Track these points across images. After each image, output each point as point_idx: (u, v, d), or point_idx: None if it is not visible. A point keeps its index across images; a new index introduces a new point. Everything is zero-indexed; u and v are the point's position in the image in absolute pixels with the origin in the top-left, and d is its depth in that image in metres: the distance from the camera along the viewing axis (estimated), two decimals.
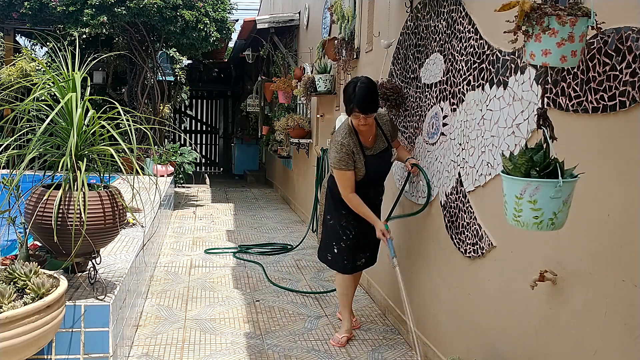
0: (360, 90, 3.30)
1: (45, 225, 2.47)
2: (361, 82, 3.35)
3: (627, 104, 1.82)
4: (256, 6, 14.89)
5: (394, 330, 3.92)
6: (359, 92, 3.30)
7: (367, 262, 3.77)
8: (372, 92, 3.34)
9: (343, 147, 3.42)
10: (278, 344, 3.62)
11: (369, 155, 3.47)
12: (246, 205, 9.24)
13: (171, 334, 3.71)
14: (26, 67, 8.53)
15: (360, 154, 3.45)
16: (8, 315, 2.04)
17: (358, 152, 3.45)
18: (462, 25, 3.01)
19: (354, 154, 3.43)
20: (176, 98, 11.18)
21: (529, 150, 1.85)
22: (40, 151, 2.61)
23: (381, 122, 3.55)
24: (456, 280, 3.07)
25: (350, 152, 3.42)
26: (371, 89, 3.35)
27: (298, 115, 7.93)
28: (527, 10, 1.73)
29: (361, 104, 3.30)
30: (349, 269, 3.69)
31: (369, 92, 3.32)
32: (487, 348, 2.72)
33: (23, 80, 2.79)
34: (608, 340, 1.91)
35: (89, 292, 2.69)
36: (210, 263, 5.54)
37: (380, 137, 3.53)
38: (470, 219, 2.90)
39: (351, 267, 3.69)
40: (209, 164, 16.82)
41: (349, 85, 3.40)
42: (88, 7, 7.39)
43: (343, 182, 3.48)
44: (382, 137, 3.53)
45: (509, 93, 2.54)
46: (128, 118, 2.64)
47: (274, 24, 8.81)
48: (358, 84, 3.33)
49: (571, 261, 2.11)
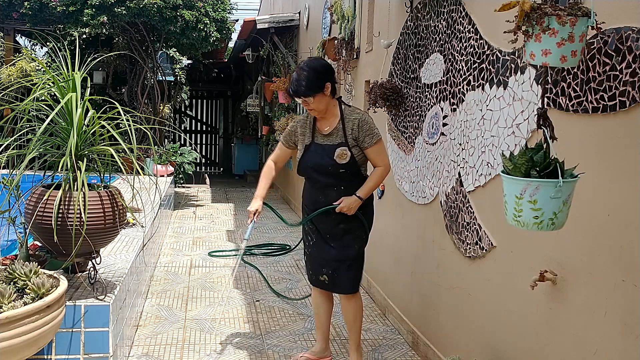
0: (295, 72, 3.09)
1: (45, 225, 2.47)
2: (304, 62, 3.13)
3: (627, 104, 1.82)
4: (256, 6, 14.89)
5: (394, 330, 3.92)
6: (295, 73, 3.08)
7: (331, 281, 3.20)
8: (308, 73, 3.03)
9: (293, 122, 3.29)
10: (278, 344, 3.62)
11: (315, 143, 3.15)
12: (246, 205, 9.13)
13: (171, 334, 3.71)
14: (26, 67, 8.53)
15: (307, 137, 3.18)
16: (8, 315, 2.03)
17: (305, 134, 3.19)
18: (462, 25, 3.01)
19: (298, 134, 3.22)
20: (176, 98, 11.17)
21: (529, 150, 1.85)
22: (40, 151, 2.61)
23: (346, 118, 3.10)
24: (456, 280, 3.07)
25: (294, 129, 3.25)
26: (309, 70, 3.04)
27: (298, 115, 7.93)
28: (527, 10, 1.73)
29: (291, 86, 3.07)
30: (313, 280, 3.31)
31: (300, 74, 3.04)
32: (487, 348, 2.72)
33: (23, 80, 2.79)
34: (608, 340, 1.91)
35: (89, 292, 2.69)
36: (210, 263, 5.54)
37: (339, 132, 3.10)
38: (470, 219, 2.90)
39: (315, 279, 3.28)
40: (209, 164, 16.82)
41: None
42: (88, 7, 7.39)
43: (276, 150, 3.39)
44: (340, 133, 3.09)
45: (509, 93, 2.54)
46: (128, 118, 2.64)
47: (274, 24, 8.81)
48: (301, 63, 3.13)
49: (571, 261, 2.11)
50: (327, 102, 3.09)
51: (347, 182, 3.11)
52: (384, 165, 3.12)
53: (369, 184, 3.10)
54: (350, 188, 3.10)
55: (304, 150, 3.18)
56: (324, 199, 3.15)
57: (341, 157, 3.06)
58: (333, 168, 3.08)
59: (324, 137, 3.13)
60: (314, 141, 3.16)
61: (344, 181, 3.11)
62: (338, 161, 3.06)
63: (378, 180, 3.12)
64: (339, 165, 3.07)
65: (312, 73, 3.03)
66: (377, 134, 3.10)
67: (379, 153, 3.11)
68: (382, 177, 3.13)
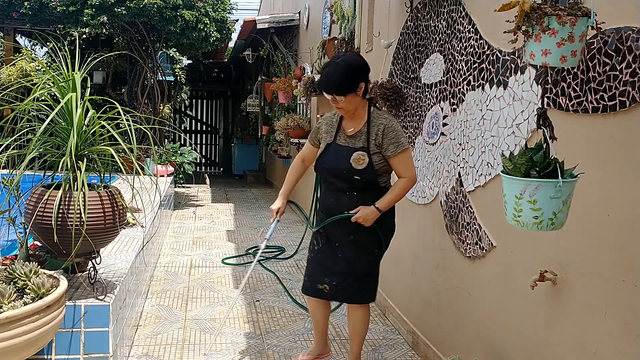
0: (326, 69, 2.88)
1: (45, 225, 2.47)
2: (332, 61, 2.93)
3: (627, 104, 1.82)
4: (256, 6, 14.89)
5: (394, 330, 3.92)
6: (325, 71, 2.89)
7: (332, 292, 3.01)
8: (344, 70, 2.83)
9: (320, 118, 3.10)
10: (278, 344, 3.62)
11: (337, 143, 2.99)
12: (246, 205, 9.24)
13: (171, 334, 3.71)
14: (26, 67, 8.53)
15: (330, 135, 3.01)
16: (8, 315, 2.03)
17: (329, 132, 3.03)
18: (462, 25, 3.01)
19: (322, 132, 3.06)
20: (176, 98, 11.18)
21: (529, 150, 1.85)
22: (40, 151, 2.61)
23: (373, 122, 2.91)
24: (456, 280, 3.07)
25: (319, 126, 3.10)
26: (345, 67, 2.84)
27: (298, 115, 7.94)
28: (527, 10, 1.73)
29: (323, 85, 2.88)
30: (307, 288, 3.09)
31: (337, 73, 2.83)
32: (487, 348, 2.72)
33: (23, 80, 2.79)
34: (608, 341, 1.91)
35: (89, 292, 2.69)
36: (210, 263, 5.54)
37: (363, 136, 2.92)
38: (470, 219, 2.90)
39: (310, 286, 3.08)
40: (209, 164, 16.82)
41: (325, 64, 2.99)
42: (88, 7, 7.39)
43: (304, 148, 3.26)
44: (364, 136, 2.91)
45: (509, 93, 2.54)
46: (128, 118, 2.64)
47: (274, 24, 8.82)
48: (330, 64, 2.91)
49: (571, 261, 2.11)
50: (357, 103, 2.89)
51: (360, 189, 2.93)
52: (409, 177, 2.90)
53: (390, 196, 2.90)
54: (364, 195, 2.92)
55: (324, 149, 3.02)
56: (335, 202, 2.99)
57: (357, 162, 2.87)
58: (347, 172, 2.90)
59: (347, 138, 2.97)
60: (335, 141, 2.99)
61: (357, 188, 2.93)
62: (354, 166, 2.88)
63: (400, 193, 2.91)
64: (355, 170, 2.88)
65: (348, 70, 2.83)
66: (403, 143, 2.88)
67: (404, 163, 2.90)
68: (405, 190, 2.92)
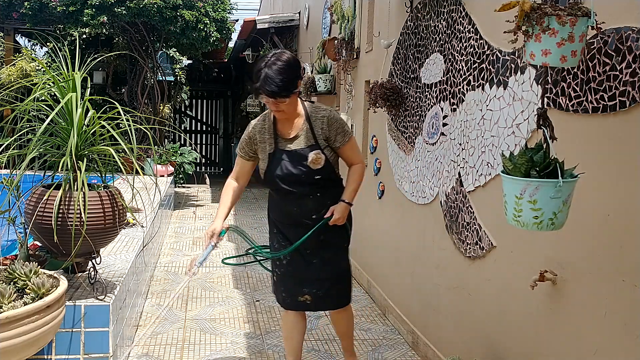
0: (268, 67, 2.59)
1: (45, 225, 2.47)
2: (270, 57, 2.64)
3: (627, 104, 1.82)
4: (256, 6, 14.90)
5: (394, 330, 3.92)
6: (266, 70, 2.59)
7: (315, 301, 2.89)
8: (285, 70, 2.60)
9: (248, 128, 2.85)
10: (278, 344, 3.62)
11: (281, 149, 2.77)
12: (246, 205, 9.24)
13: (171, 334, 3.71)
14: (26, 67, 8.54)
15: (268, 144, 2.79)
16: (8, 315, 2.04)
17: (265, 141, 2.79)
18: (462, 25, 3.01)
19: (258, 142, 2.81)
20: (176, 98, 11.18)
21: (529, 150, 1.85)
22: (40, 151, 2.61)
23: (313, 117, 2.76)
24: (456, 280, 3.07)
25: (252, 137, 2.82)
26: (285, 67, 2.60)
27: None
28: (527, 10, 1.73)
29: (265, 85, 2.58)
30: (288, 303, 2.94)
31: (281, 70, 2.59)
32: (487, 348, 2.72)
33: (23, 80, 2.80)
34: (608, 340, 1.91)
35: (89, 292, 2.70)
36: (210, 263, 5.53)
37: (307, 134, 2.75)
38: (470, 219, 2.90)
39: (291, 301, 2.92)
40: (209, 164, 16.82)
41: (259, 62, 2.67)
42: (88, 7, 7.40)
43: (235, 167, 2.96)
44: (309, 134, 2.75)
45: (509, 93, 2.54)
46: (128, 118, 2.65)
47: (274, 24, 8.82)
48: (267, 61, 2.62)
49: (571, 261, 2.11)
50: (296, 102, 2.74)
51: (322, 187, 2.80)
52: (360, 161, 2.87)
53: (353, 186, 2.83)
54: (326, 194, 2.81)
55: (268, 159, 2.80)
56: (298, 210, 2.81)
57: (315, 162, 2.73)
58: (307, 176, 2.75)
59: (288, 142, 2.77)
60: (278, 148, 2.78)
61: (319, 187, 2.79)
62: (312, 167, 2.73)
63: (359, 180, 2.85)
64: (314, 171, 2.74)
65: (288, 70, 2.61)
66: (348, 131, 2.81)
67: (353, 150, 2.85)
68: (362, 175, 2.86)
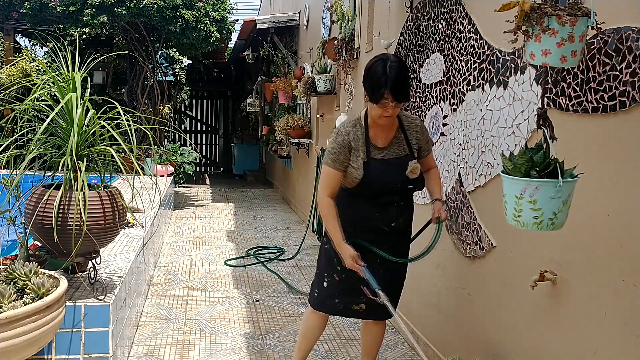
0: (392, 69, 2.48)
1: (45, 225, 2.47)
2: (392, 60, 2.52)
3: (627, 104, 1.82)
4: (256, 6, 14.90)
5: (394, 330, 3.92)
6: (391, 72, 2.47)
7: (369, 310, 2.76)
8: (407, 74, 2.57)
9: (339, 136, 2.66)
10: (278, 344, 3.62)
11: (376, 158, 2.65)
12: (246, 205, 9.24)
13: (171, 334, 3.71)
14: (26, 67, 8.53)
15: (362, 152, 2.64)
16: (8, 315, 2.04)
17: (359, 149, 2.64)
18: (462, 25, 3.01)
19: (352, 149, 2.64)
20: (176, 98, 11.18)
21: (529, 150, 1.85)
22: (40, 151, 2.61)
23: (407, 126, 2.71)
24: (456, 280, 3.07)
25: (347, 145, 2.64)
26: (405, 69, 2.57)
27: (298, 115, 7.93)
28: (527, 10, 1.73)
29: (396, 88, 2.47)
30: (339, 309, 2.81)
31: (404, 73, 2.53)
32: (487, 348, 2.72)
33: (23, 80, 2.79)
34: (608, 340, 1.91)
35: (89, 292, 2.69)
36: (210, 263, 5.54)
37: (400, 143, 2.69)
38: (470, 219, 2.90)
39: (343, 308, 2.80)
40: (209, 164, 16.82)
41: (375, 64, 2.53)
42: (88, 7, 7.39)
43: (323, 181, 2.70)
44: (402, 143, 2.69)
45: (509, 93, 2.54)
46: (128, 118, 2.64)
47: (274, 24, 8.82)
48: (389, 62, 2.50)
49: (571, 261, 2.11)
50: None
51: (408, 197, 2.78)
52: (436, 165, 2.92)
53: (440, 187, 2.84)
54: (408, 203, 2.78)
55: (363, 167, 2.64)
56: (380, 216, 2.70)
57: (413, 172, 2.65)
58: (402, 184, 2.68)
59: (380, 150, 2.68)
60: (371, 156, 2.65)
61: (406, 196, 2.76)
62: (410, 177, 2.65)
63: (440, 180, 2.91)
64: (409, 181, 2.67)
65: (408, 72, 2.59)
66: (431, 139, 2.82)
67: (431, 155, 2.87)
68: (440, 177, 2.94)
